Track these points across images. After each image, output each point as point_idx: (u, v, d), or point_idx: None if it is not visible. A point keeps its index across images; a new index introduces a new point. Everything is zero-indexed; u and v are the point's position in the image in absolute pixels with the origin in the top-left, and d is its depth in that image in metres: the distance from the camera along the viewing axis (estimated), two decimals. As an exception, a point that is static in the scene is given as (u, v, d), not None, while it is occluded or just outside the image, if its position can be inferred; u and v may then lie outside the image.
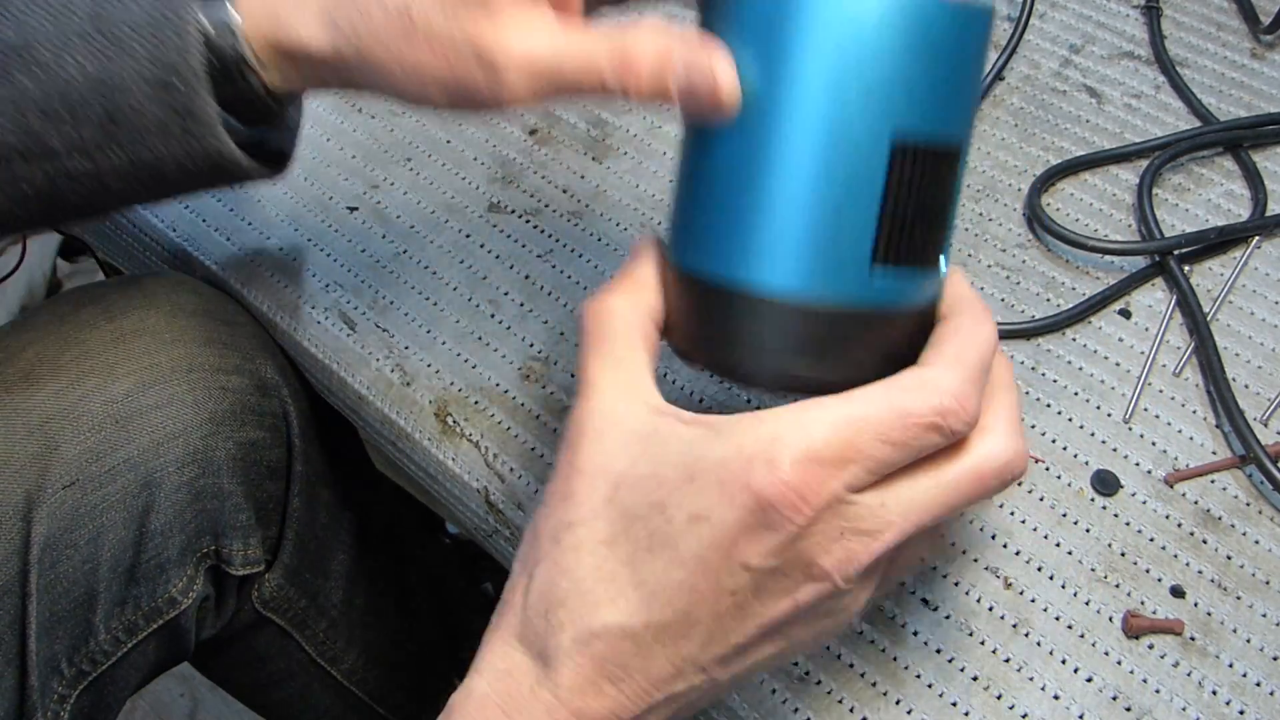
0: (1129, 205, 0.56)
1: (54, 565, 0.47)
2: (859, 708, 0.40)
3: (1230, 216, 0.55)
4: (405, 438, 0.51)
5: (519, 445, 0.49)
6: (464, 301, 0.54)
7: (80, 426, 0.47)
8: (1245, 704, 0.40)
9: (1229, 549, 0.44)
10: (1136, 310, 0.52)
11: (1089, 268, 0.54)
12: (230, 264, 0.57)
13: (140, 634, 0.51)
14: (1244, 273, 0.53)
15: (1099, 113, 0.61)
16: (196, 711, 1.06)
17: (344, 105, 0.64)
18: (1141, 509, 0.45)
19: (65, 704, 0.49)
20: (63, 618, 0.48)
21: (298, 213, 0.59)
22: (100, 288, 0.53)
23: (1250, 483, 0.46)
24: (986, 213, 0.56)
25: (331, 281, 0.55)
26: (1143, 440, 0.47)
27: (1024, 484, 0.46)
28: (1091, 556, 0.44)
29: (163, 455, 0.49)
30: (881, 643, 0.42)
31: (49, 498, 0.46)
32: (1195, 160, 0.58)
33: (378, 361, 0.52)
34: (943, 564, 0.44)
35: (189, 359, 0.50)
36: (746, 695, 0.41)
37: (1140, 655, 0.41)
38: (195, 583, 0.52)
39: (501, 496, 0.48)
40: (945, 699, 0.40)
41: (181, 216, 0.59)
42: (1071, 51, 0.64)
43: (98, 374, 0.48)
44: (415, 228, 0.58)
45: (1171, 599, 0.43)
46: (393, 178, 0.60)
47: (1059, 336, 0.51)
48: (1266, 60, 0.63)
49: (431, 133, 0.62)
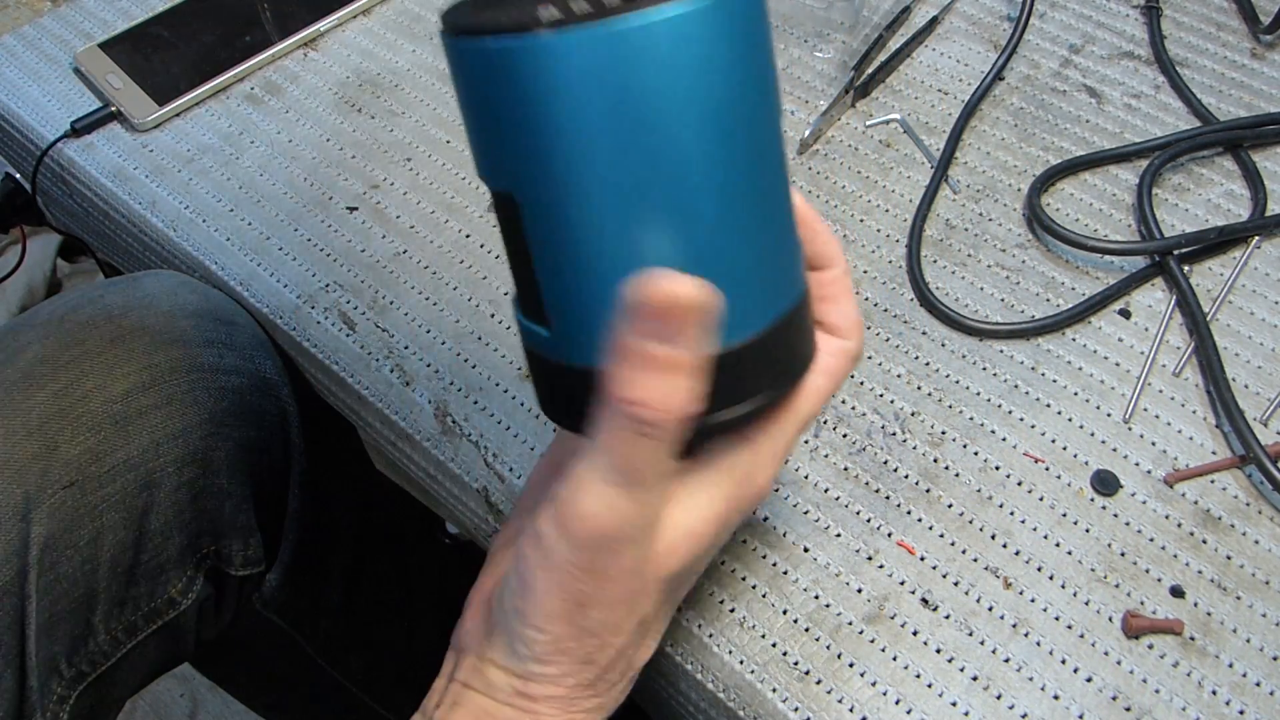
0: (1129, 205, 0.56)
1: (53, 566, 0.47)
2: (859, 707, 0.40)
3: (1230, 216, 0.55)
4: (405, 438, 0.51)
5: (519, 445, 0.49)
6: (464, 301, 0.54)
7: (80, 427, 0.47)
8: (1245, 704, 0.40)
9: (1229, 549, 0.44)
10: (1136, 310, 0.52)
11: (1089, 268, 0.54)
12: (230, 264, 0.57)
13: (140, 634, 0.51)
14: (1244, 273, 0.53)
15: (1099, 113, 0.61)
16: (196, 711, 1.06)
17: (344, 105, 0.64)
18: (1141, 509, 0.45)
19: (65, 704, 0.49)
20: (62, 618, 0.48)
21: (298, 213, 0.59)
22: (100, 288, 0.53)
23: (1250, 483, 0.46)
24: (986, 213, 0.56)
25: (331, 281, 0.55)
26: (1142, 440, 0.47)
27: (1024, 484, 0.46)
28: (1091, 556, 0.44)
29: (162, 455, 0.49)
30: (881, 642, 0.42)
31: (48, 498, 0.46)
32: (1195, 160, 0.58)
33: (377, 361, 0.52)
34: (943, 564, 0.44)
35: (189, 359, 0.50)
36: (746, 695, 0.41)
37: (1140, 655, 0.41)
38: (195, 583, 0.52)
39: (501, 496, 0.48)
40: (945, 699, 0.40)
41: (181, 216, 0.59)
42: (1071, 51, 0.64)
43: (98, 374, 0.48)
44: (415, 228, 0.58)
45: (1171, 599, 0.43)
46: (393, 178, 0.60)
47: (1059, 336, 0.51)
48: (1266, 60, 0.63)
49: (431, 133, 0.62)
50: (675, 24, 0.27)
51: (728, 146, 0.29)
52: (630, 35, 0.26)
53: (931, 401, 0.49)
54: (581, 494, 0.31)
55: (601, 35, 0.26)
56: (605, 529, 0.31)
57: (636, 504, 0.31)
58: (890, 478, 0.47)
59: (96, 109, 0.64)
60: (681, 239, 0.29)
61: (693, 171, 0.28)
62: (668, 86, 0.27)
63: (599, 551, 0.31)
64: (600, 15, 0.26)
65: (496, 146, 0.29)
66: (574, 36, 0.26)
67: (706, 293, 0.28)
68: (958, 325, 0.51)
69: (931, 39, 0.66)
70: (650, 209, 0.28)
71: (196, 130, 0.63)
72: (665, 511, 0.32)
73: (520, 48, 0.27)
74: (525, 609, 0.33)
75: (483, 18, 0.28)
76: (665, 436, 0.30)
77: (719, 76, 0.28)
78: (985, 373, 0.50)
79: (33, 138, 0.64)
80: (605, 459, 0.30)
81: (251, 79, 0.66)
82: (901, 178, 0.58)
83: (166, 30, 0.68)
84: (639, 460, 0.30)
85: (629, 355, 0.29)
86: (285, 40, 0.67)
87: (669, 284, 0.28)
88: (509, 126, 0.28)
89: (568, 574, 0.31)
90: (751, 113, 0.29)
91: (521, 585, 0.33)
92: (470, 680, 0.35)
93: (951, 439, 0.48)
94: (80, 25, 0.70)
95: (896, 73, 0.64)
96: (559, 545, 0.31)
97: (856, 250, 0.55)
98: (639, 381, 0.29)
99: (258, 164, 0.61)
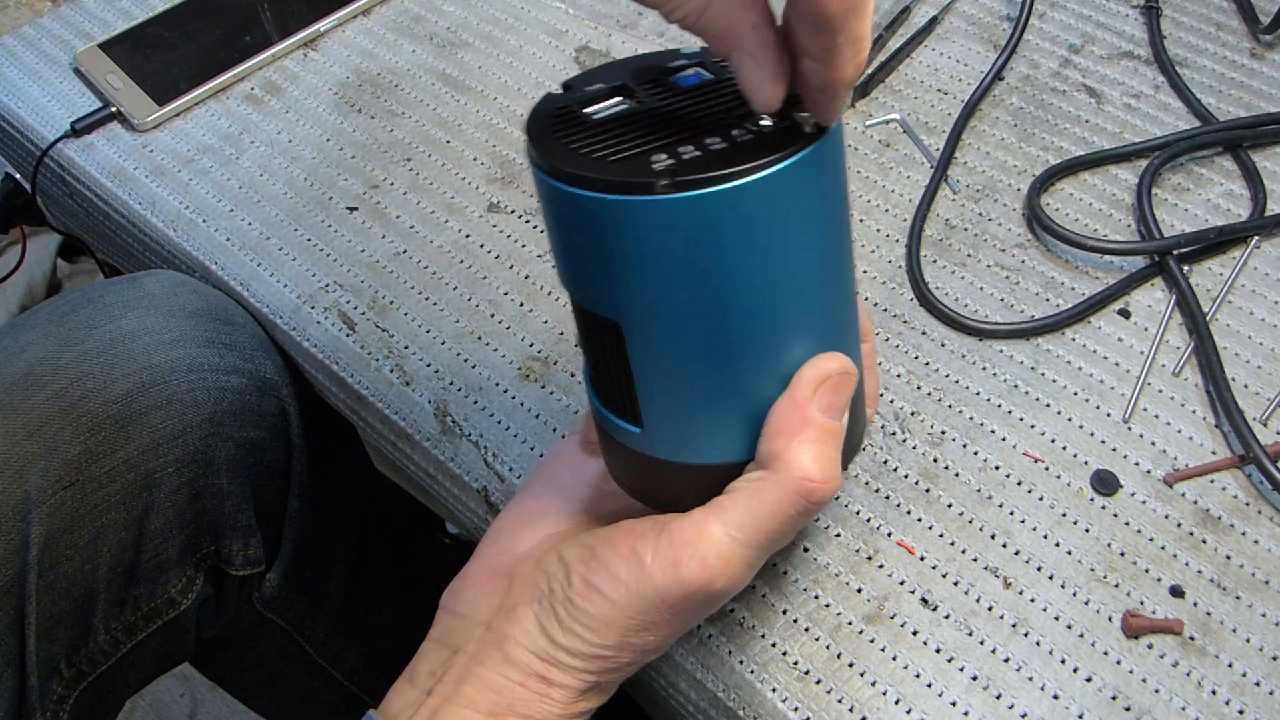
0: (1128, 205, 0.56)
1: (53, 566, 0.47)
2: (859, 707, 0.40)
3: (1230, 216, 0.55)
4: (405, 438, 0.51)
5: (519, 445, 0.49)
6: (464, 301, 0.54)
7: (80, 427, 0.47)
8: (1245, 704, 0.40)
9: (1229, 549, 0.44)
10: (1136, 310, 0.52)
11: (1088, 268, 0.54)
12: (230, 264, 0.57)
13: (140, 634, 0.51)
14: (1243, 273, 0.53)
15: (1099, 113, 0.61)
16: (196, 711, 1.06)
17: (344, 105, 0.64)
18: (1141, 509, 0.45)
19: (64, 705, 0.49)
20: (62, 618, 0.48)
21: (298, 213, 0.59)
22: (100, 288, 0.53)
23: (1250, 483, 0.46)
24: (986, 213, 0.56)
25: (331, 281, 0.55)
26: (1142, 440, 0.47)
27: (1024, 484, 0.46)
28: (1091, 556, 0.44)
29: (162, 456, 0.49)
30: (881, 642, 0.42)
31: (48, 498, 0.46)
32: (1195, 160, 0.58)
33: (377, 361, 0.52)
34: (943, 563, 0.44)
35: (189, 359, 0.50)
36: (746, 695, 0.41)
37: (1140, 655, 0.41)
38: (195, 583, 0.52)
39: (501, 496, 0.48)
40: (945, 699, 0.41)
41: (181, 216, 0.59)
42: (1071, 51, 0.64)
43: (97, 375, 0.48)
44: (415, 228, 0.58)
45: (1171, 599, 0.43)
46: (393, 178, 0.60)
47: (1059, 336, 0.51)
48: (1266, 60, 0.63)
49: (431, 133, 0.62)
50: (775, 178, 0.28)
51: (821, 273, 0.31)
52: (743, 190, 0.28)
53: (931, 401, 0.49)
54: (707, 543, 0.32)
55: (719, 193, 0.28)
56: (719, 583, 0.32)
57: (752, 567, 0.33)
58: (890, 477, 0.47)
59: (96, 109, 0.64)
60: (782, 355, 0.32)
61: (799, 301, 0.31)
62: (778, 229, 0.29)
63: (699, 599, 0.33)
64: (712, 170, 0.28)
65: (600, 281, 0.31)
66: (695, 195, 0.28)
67: (853, 365, 0.33)
68: (957, 325, 0.51)
69: (931, 39, 0.66)
70: (753, 339, 0.31)
71: (196, 130, 0.63)
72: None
73: (640, 204, 0.28)
74: (587, 609, 0.33)
75: (593, 171, 0.29)
76: (819, 510, 0.33)
77: (806, 219, 0.30)
78: (985, 373, 0.50)
79: (33, 138, 0.64)
80: (746, 519, 0.32)
81: (251, 79, 0.66)
82: (901, 178, 0.58)
83: (166, 30, 0.68)
84: (784, 529, 0.32)
85: (810, 430, 0.32)
86: (285, 40, 0.67)
87: (839, 360, 0.32)
88: (618, 266, 0.30)
89: (654, 604, 0.33)
90: (838, 233, 0.32)
91: (589, 588, 0.33)
92: (481, 654, 0.35)
93: (951, 439, 0.48)
94: (80, 25, 0.70)
95: (896, 73, 0.64)
96: (662, 578, 0.32)
97: (856, 250, 0.55)
98: (816, 456, 0.32)
99: (258, 164, 0.61)
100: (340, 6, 0.69)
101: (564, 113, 0.31)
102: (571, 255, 0.31)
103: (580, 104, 0.32)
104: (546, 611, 0.34)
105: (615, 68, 0.34)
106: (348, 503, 0.63)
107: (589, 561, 0.33)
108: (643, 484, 0.36)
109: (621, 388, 0.33)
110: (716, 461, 0.33)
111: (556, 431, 0.49)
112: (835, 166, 0.31)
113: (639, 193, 0.28)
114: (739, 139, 0.29)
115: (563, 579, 0.34)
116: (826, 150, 0.30)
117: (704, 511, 0.32)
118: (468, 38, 0.68)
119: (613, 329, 0.31)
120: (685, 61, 0.33)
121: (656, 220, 0.28)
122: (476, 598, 0.37)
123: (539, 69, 0.65)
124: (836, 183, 0.31)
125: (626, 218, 0.28)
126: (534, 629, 0.34)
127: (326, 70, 0.66)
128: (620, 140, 0.29)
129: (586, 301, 0.32)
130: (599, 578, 0.33)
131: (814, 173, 0.29)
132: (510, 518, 0.39)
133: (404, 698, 0.36)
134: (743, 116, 0.30)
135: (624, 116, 0.31)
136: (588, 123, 0.30)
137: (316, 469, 0.58)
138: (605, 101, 0.31)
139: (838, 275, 0.32)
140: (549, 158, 0.29)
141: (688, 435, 0.33)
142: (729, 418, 0.33)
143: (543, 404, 0.50)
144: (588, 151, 0.29)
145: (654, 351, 0.31)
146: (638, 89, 0.32)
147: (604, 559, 0.33)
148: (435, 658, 0.36)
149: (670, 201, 0.28)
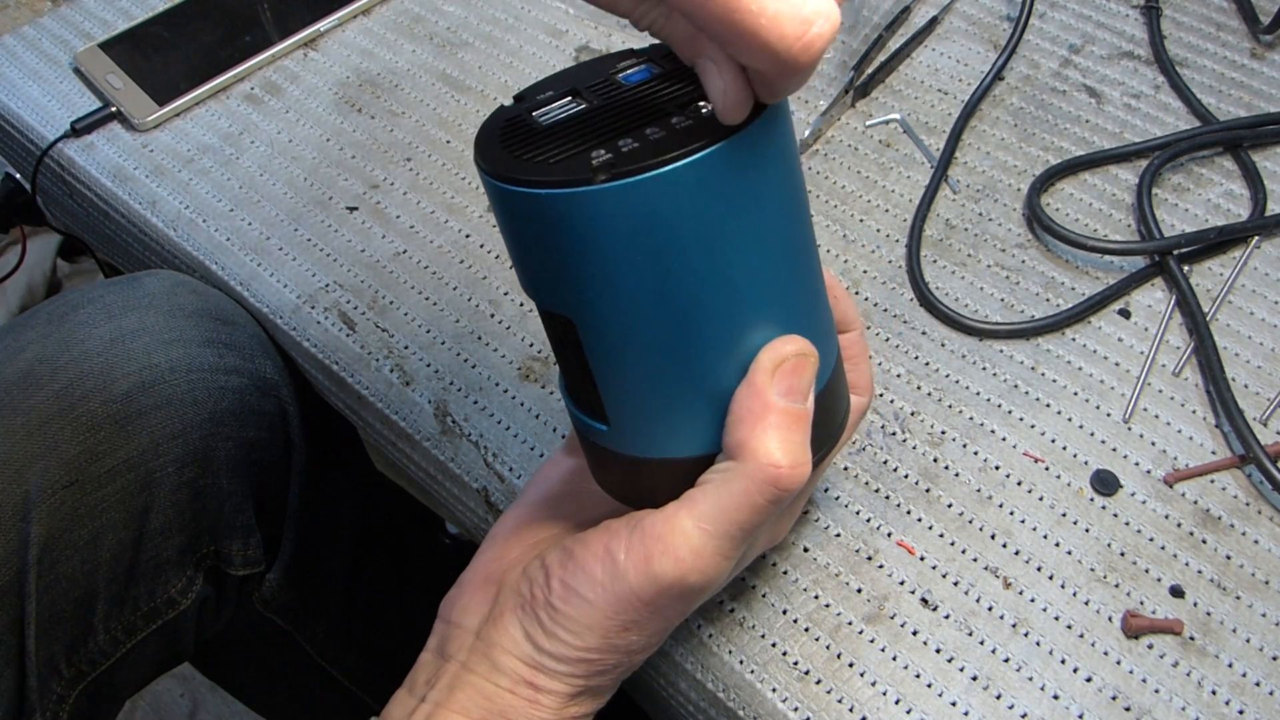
0: (1128, 205, 0.56)
1: (53, 566, 0.47)
2: (859, 707, 0.40)
3: (1230, 216, 0.55)
4: (405, 438, 0.51)
5: (519, 445, 0.49)
6: (464, 301, 0.54)
7: (80, 427, 0.47)
8: (1245, 704, 0.40)
9: (1229, 549, 0.44)
10: (1136, 310, 0.52)
11: (1088, 268, 0.54)
12: (230, 264, 0.57)
13: (139, 634, 0.51)
14: (1243, 273, 0.53)
15: (1099, 113, 0.61)
16: (196, 711, 1.06)
17: (344, 105, 0.64)
18: (1141, 509, 0.45)
19: (64, 704, 0.49)
20: (62, 618, 0.48)
21: (298, 213, 0.59)
22: (100, 288, 0.53)
23: (1250, 483, 0.46)
24: (986, 213, 0.56)
25: (331, 281, 0.55)
26: (1142, 440, 0.47)
27: (1024, 484, 0.46)
28: (1091, 556, 0.44)
29: (162, 455, 0.49)
30: (881, 642, 0.42)
31: (48, 498, 0.46)
32: (1195, 160, 0.58)
33: (377, 361, 0.52)
34: (943, 564, 0.44)
35: (189, 359, 0.50)
36: (746, 695, 0.41)
37: (1140, 655, 0.41)
38: (195, 583, 0.52)
39: (501, 496, 0.48)
40: (945, 699, 0.40)
41: (181, 216, 0.59)
42: (1071, 51, 0.64)
43: (97, 374, 0.48)
44: (415, 228, 0.58)
45: (1171, 599, 0.43)
46: (393, 178, 0.60)
47: (1059, 336, 0.51)
48: (1266, 60, 0.63)
49: (431, 133, 0.62)
50: (711, 160, 0.28)
51: (773, 254, 0.31)
52: (677, 174, 0.28)
53: (931, 401, 0.49)
54: (679, 538, 0.32)
55: (652, 179, 0.28)
56: (692, 576, 0.32)
57: (728, 559, 0.32)
58: (890, 477, 0.47)
59: (96, 109, 0.64)
60: (739, 342, 0.32)
61: (751, 284, 0.31)
62: (719, 211, 0.29)
63: (674, 594, 0.32)
64: (647, 159, 0.28)
65: (551, 278, 0.31)
66: (628, 182, 0.28)
67: (811, 346, 0.32)
68: (957, 325, 0.51)
69: (931, 39, 0.66)
70: (707, 327, 0.31)
71: (196, 130, 0.63)
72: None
73: (577, 196, 0.28)
74: (567, 613, 0.33)
75: (534, 169, 0.29)
76: (790, 498, 0.32)
77: (749, 201, 0.30)
78: (985, 373, 0.50)
79: (33, 138, 0.64)
80: (715, 511, 0.31)
81: (251, 79, 0.66)
82: (901, 177, 0.58)
83: (166, 30, 0.68)
84: (755, 519, 0.32)
85: (772, 415, 0.31)
86: (285, 40, 0.67)
87: (796, 342, 0.32)
88: (565, 262, 0.30)
89: (630, 602, 0.32)
90: (790, 212, 0.31)
91: (568, 591, 0.33)
92: (471, 662, 0.35)
93: (951, 439, 0.48)
94: (80, 25, 0.70)
95: (896, 73, 0.64)
96: (635, 575, 0.32)
97: (856, 250, 0.55)
98: (781, 441, 0.31)
99: (258, 164, 0.61)
100: (340, 6, 0.69)
101: (513, 122, 0.32)
102: (522, 256, 0.32)
103: (529, 111, 0.32)
104: (530, 618, 0.34)
105: (565, 75, 0.34)
106: (348, 503, 0.63)
107: (566, 564, 0.33)
108: (618, 482, 0.36)
109: (585, 385, 0.33)
110: (686, 455, 0.33)
111: (556, 431, 0.49)
112: (779, 146, 0.30)
113: (576, 186, 0.28)
114: (678, 126, 0.29)
115: (543, 583, 0.34)
116: (766, 130, 0.29)
117: (675, 506, 0.32)
118: (468, 38, 0.68)
119: (568, 326, 0.32)
120: (634, 60, 0.33)
121: (593, 211, 0.28)
122: (469, 606, 0.37)
123: (539, 69, 0.65)
124: (782, 162, 0.31)
125: (564, 211, 0.29)
126: (519, 635, 0.34)
127: (326, 70, 0.66)
128: (564, 141, 0.30)
129: (542, 300, 0.32)
130: (576, 579, 0.33)
131: (752, 154, 0.29)
132: (503, 525, 0.39)
133: (402, 707, 0.36)
134: (683, 105, 0.30)
135: (570, 119, 0.31)
136: (536, 129, 0.31)
137: (316, 469, 0.58)
138: (553, 105, 0.32)
139: (793, 256, 0.32)
140: (493, 163, 0.30)
141: (654, 429, 0.33)
142: (692, 410, 0.32)
143: (543, 404, 0.50)
144: (531, 155, 0.30)
145: (608, 345, 0.31)
146: (584, 91, 0.32)
147: (580, 560, 0.33)
148: (432, 667, 0.37)
149: (604, 191, 0.28)
